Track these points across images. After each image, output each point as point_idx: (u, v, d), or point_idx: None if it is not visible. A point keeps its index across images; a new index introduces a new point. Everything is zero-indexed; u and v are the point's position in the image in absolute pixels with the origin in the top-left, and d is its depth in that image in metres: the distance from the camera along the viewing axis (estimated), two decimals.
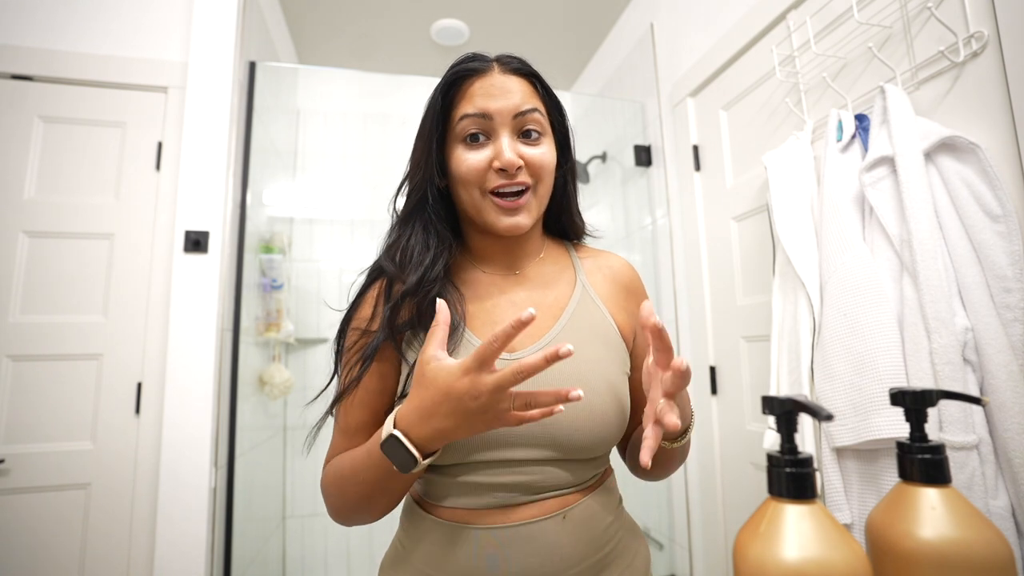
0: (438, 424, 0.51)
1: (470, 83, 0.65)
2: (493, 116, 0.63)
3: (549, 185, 0.67)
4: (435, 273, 0.65)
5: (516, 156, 0.62)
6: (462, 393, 0.49)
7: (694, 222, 1.83)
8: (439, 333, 0.53)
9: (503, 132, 0.63)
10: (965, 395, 0.46)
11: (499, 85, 0.64)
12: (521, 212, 0.64)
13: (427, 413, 0.51)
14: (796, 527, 0.36)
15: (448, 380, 0.50)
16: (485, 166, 0.63)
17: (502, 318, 0.67)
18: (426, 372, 0.52)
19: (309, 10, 2.30)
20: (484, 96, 0.64)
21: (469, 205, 0.66)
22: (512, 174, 0.63)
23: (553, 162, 0.67)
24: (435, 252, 0.66)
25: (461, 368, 0.49)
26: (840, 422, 1.01)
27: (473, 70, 0.65)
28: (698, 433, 1.81)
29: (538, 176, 0.65)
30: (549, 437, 0.60)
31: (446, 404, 0.50)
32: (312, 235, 2.36)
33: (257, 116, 1.81)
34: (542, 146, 0.65)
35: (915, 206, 0.95)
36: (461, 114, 0.64)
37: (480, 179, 0.64)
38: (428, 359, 0.52)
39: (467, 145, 0.64)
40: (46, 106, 1.59)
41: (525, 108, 0.64)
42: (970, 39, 0.98)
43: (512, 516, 0.59)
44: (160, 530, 1.47)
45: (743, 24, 1.58)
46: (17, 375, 1.48)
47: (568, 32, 2.49)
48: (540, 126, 0.65)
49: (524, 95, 0.65)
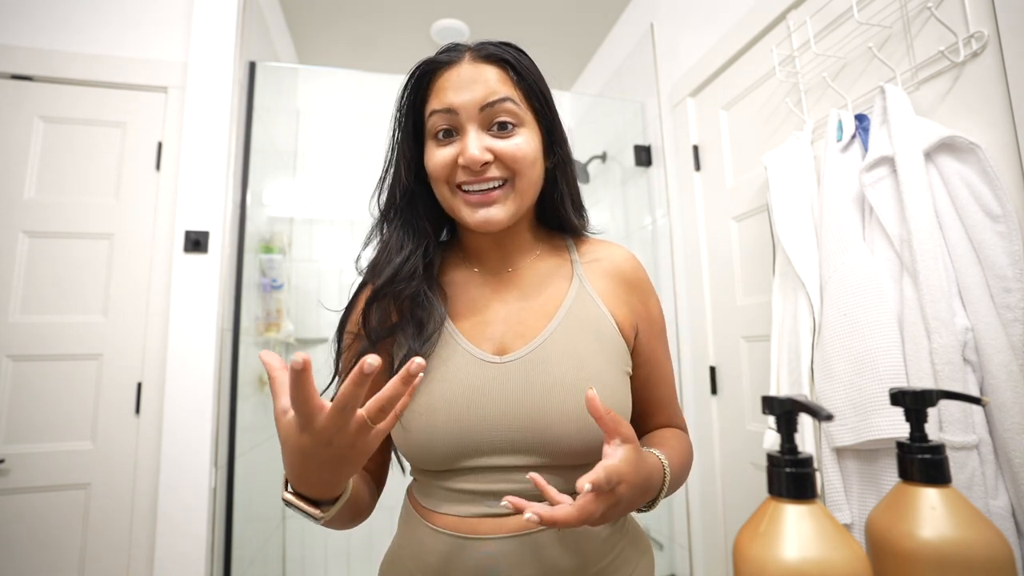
0: (316, 478, 0.48)
1: (439, 76, 0.62)
2: (458, 111, 0.60)
3: (532, 177, 0.63)
4: (408, 270, 0.64)
5: (482, 151, 0.59)
6: (310, 448, 0.45)
7: (694, 222, 1.83)
8: (280, 380, 0.46)
9: (470, 127, 0.60)
10: (965, 395, 0.46)
11: (466, 76, 0.61)
12: (494, 206, 0.61)
13: (302, 470, 0.48)
14: (796, 527, 0.36)
15: (294, 438, 0.45)
16: (451, 162, 0.61)
17: (493, 318, 0.65)
18: (279, 431, 0.46)
19: (309, 10, 2.30)
20: (450, 89, 0.61)
21: (443, 203, 0.65)
22: (477, 171, 0.60)
23: (532, 153, 0.62)
24: (409, 250, 0.65)
25: (294, 427, 0.45)
26: (840, 422, 1.01)
27: (442, 62, 0.63)
28: (698, 433, 1.81)
29: (515, 169, 0.61)
30: (539, 442, 0.58)
31: (309, 459, 0.46)
32: (312, 235, 2.36)
33: (257, 116, 1.81)
34: (516, 137, 0.61)
35: (915, 206, 0.94)
36: (430, 110, 0.62)
37: (448, 175, 0.62)
38: (277, 416, 0.46)
39: (437, 142, 0.62)
40: (46, 106, 1.59)
41: (493, 99, 0.60)
42: (970, 39, 0.98)
43: (505, 526, 0.58)
44: (160, 530, 1.47)
45: (743, 24, 1.58)
46: (17, 375, 1.48)
47: (568, 32, 2.49)
48: (514, 116, 0.61)
49: (494, 84, 0.61)
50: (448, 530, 0.59)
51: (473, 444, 0.58)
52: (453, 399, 0.59)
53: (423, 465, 0.62)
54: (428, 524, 0.61)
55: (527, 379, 0.60)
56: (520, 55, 0.65)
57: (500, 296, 0.67)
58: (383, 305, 0.65)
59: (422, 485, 0.64)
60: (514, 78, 0.63)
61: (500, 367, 0.61)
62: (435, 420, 0.59)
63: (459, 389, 0.60)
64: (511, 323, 0.64)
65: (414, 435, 0.59)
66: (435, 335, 0.62)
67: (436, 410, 0.59)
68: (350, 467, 0.48)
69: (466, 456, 0.59)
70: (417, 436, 0.59)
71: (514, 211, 0.63)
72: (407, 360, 0.61)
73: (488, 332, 0.64)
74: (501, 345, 0.63)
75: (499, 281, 0.68)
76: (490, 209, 0.61)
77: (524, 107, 0.63)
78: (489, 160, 0.60)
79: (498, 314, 0.65)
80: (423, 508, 0.63)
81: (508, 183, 0.62)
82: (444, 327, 0.64)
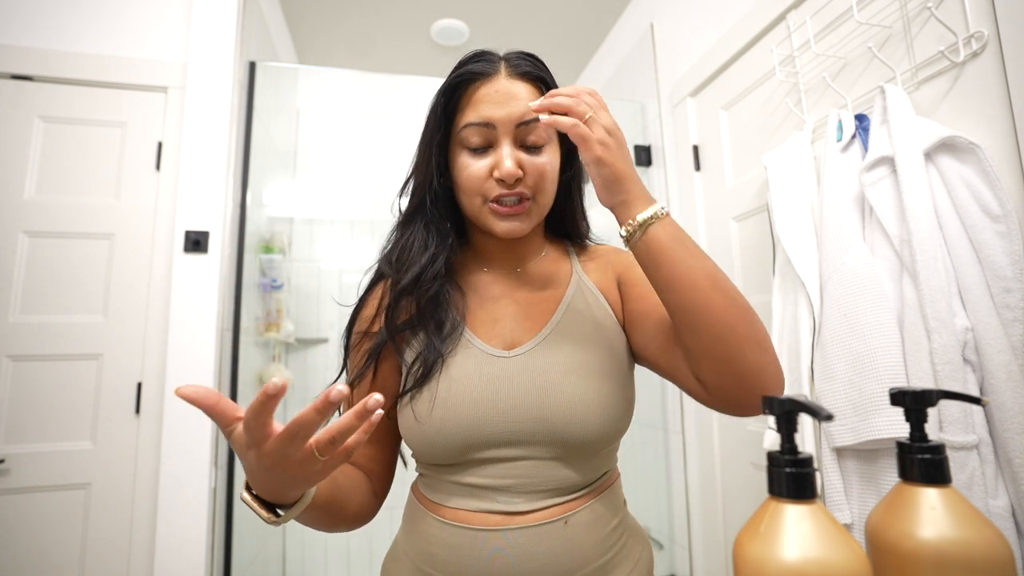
0: (265, 488, 0.48)
1: (475, 87, 0.64)
2: (496, 125, 0.62)
3: (550, 193, 0.67)
4: (434, 271, 0.66)
5: (516, 166, 0.62)
6: (255, 464, 0.45)
7: (694, 222, 1.83)
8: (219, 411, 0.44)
9: (504, 140, 0.63)
10: (965, 395, 0.46)
11: (504, 91, 0.63)
12: (519, 218, 0.64)
13: (254, 476, 0.47)
14: (796, 527, 0.36)
15: (242, 453, 0.45)
16: (486, 175, 0.63)
17: (502, 315, 0.67)
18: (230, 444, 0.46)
19: (309, 10, 2.30)
20: (488, 103, 0.63)
21: (469, 211, 0.67)
22: (511, 184, 0.63)
23: (555, 171, 0.66)
24: (434, 250, 0.67)
25: (243, 443, 0.44)
26: (840, 422, 1.01)
27: (478, 73, 0.64)
28: (698, 433, 1.81)
29: (538, 187, 0.64)
30: (548, 434, 0.60)
31: (254, 473, 0.46)
32: (312, 235, 2.36)
33: (257, 116, 1.81)
34: (544, 155, 0.64)
35: (915, 206, 0.94)
36: (465, 122, 0.64)
37: (480, 188, 0.64)
38: (224, 433, 0.46)
39: (470, 153, 0.64)
40: (46, 106, 1.59)
41: (529, 119, 0.62)
42: (970, 39, 0.98)
43: (514, 519, 0.59)
44: (160, 530, 1.47)
45: (743, 24, 1.58)
46: (17, 375, 1.48)
47: (568, 32, 2.49)
48: (545, 135, 0.64)
49: (529, 103, 0.62)
50: (457, 522, 0.60)
51: (483, 437, 0.60)
52: (463, 393, 0.61)
53: (432, 459, 0.63)
54: (436, 517, 0.62)
55: (533, 372, 0.62)
56: (548, 73, 0.67)
57: (509, 294, 0.69)
58: (403, 302, 0.67)
59: (429, 479, 0.65)
60: None
61: (508, 361, 0.63)
62: (446, 414, 0.60)
63: (469, 383, 0.61)
64: (519, 319, 0.67)
65: (425, 428, 0.61)
66: (455, 334, 0.64)
67: (447, 404, 0.61)
68: (296, 488, 0.48)
69: (475, 448, 0.60)
70: (428, 429, 0.61)
71: (534, 222, 0.67)
72: (425, 359, 0.62)
73: (497, 329, 0.66)
74: (510, 340, 0.65)
75: (508, 280, 0.71)
76: (515, 221, 0.65)
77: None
78: (521, 175, 0.63)
79: (507, 311, 0.68)
80: (430, 502, 0.64)
81: (530, 200, 0.65)
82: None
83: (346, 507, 0.62)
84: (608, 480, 0.66)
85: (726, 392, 0.56)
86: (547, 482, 0.60)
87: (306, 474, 0.45)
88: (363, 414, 0.41)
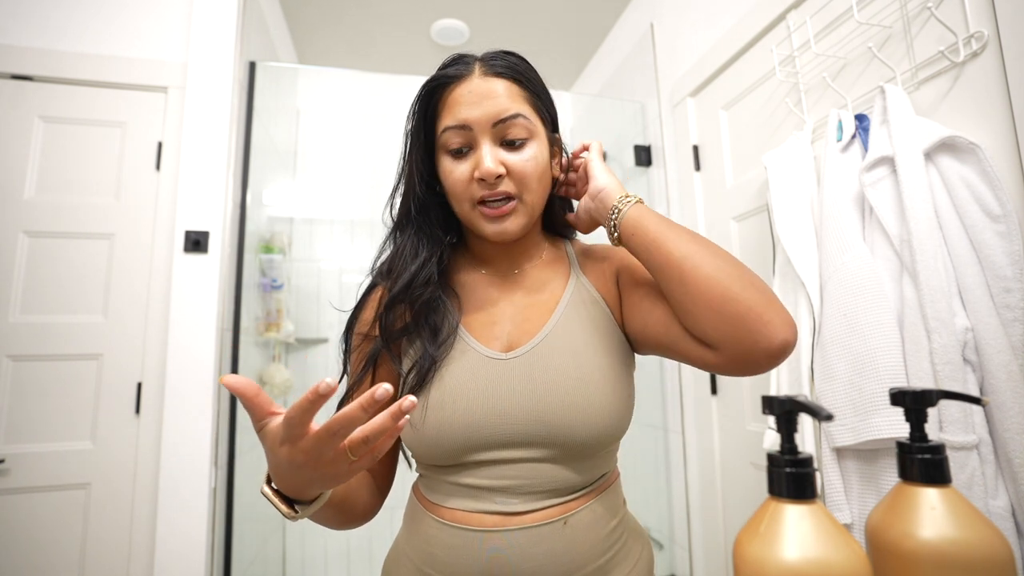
0: (290, 484, 0.49)
1: (450, 90, 0.64)
2: (472, 126, 0.62)
3: (538, 190, 0.65)
4: (425, 276, 0.65)
5: (496, 165, 0.61)
6: (286, 460, 0.46)
7: (694, 222, 1.83)
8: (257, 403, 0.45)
9: (483, 140, 0.62)
10: (965, 395, 0.46)
11: (478, 91, 0.62)
12: (507, 219, 0.64)
13: (280, 472, 0.48)
14: (796, 527, 0.36)
15: (275, 448, 0.46)
16: (468, 178, 0.63)
17: (500, 317, 0.67)
18: (260, 439, 0.47)
19: (309, 10, 2.30)
20: (463, 105, 0.62)
21: (461, 215, 0.67)
22: (492, 183, 0.62)
23: (540, 167, 0.64)
24: (424, 257, 0.67)
25: (278, 438, 0.45)
26: (840, 422, 1.01)
27: (452, 76, 0.64)
28: (698, 433, 1.81)
29: (522, 184, 0.63)
30: (546, 435, 0.60)
31: (282, 468, 0.47)
32: (312, 235, 2.36)
33: (257, 116, 1.81)
34: (526, 152, 0.63)
35: (915, 206, 0.94)
36: (443, 126, 0.64)
37: (466, 191, 0.64)
38: (256, 427, 0.47)
39: (452, 157, 0.64)
40: (46, 106, 1.59)
41: (505, 116, 0.62)
42: (970, 39, 0.98)
43: (513, 520, 0.59)
44: (160, 530, 1.47)
45: (743, 24, 1.58)
46: (17, 375, 1.48)
47: (568, 32, 2.49)
48: (525, 131, 0.63)
49: (506, 100, 0.62)
50: (455, 523, 0.60)
51: (482, 438, 0.60)
52: (462, 395, 0.61)
53: (432, 460, 0.63)
54: (435, 518, 0.62)
55: (531, 373, 0.62)
56: (527, 67, 0.66)
57: (507, 296, 0.69)
58: (398, 309, 0.66)
59: (429, 480, 0.65)
60: (523, 92, 0.65)
61: (506, 363, 0.63)
62: (445, 416, 0.60)
63: (468, 385, 0.61)
64: (517, 321, 0.67)
65: (425, 431, 0.61)
66: (450, 339, 0.64)
67: (446, 406, 0.61)
68: (321, 486, 0.49)
69: (474, 450, 0.60)
70: (427, 431, 0.61)
71: (526, 222, 0.65)
72: (420, 366, 0.62)
73: (496, 331, 0.66)
74: (508, 343, 0.65)
75: (505, 282, 0.71)
76: (504, 223, 0.64)
77: (535, 119, 0.65)
78: (503, 173, 0.62)
79: (505, 313, 0.68)
80: (430, 503, 0.64)
81: (517, 199, 0.64)
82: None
83: (356, 505, 0.63)
84: (608, 480, 0.66)
85: (732, 343, 0.54)
86: (546, 483, 0.60)
87: (335, 472, 0.46)
88: (398, 415, 0.41)
